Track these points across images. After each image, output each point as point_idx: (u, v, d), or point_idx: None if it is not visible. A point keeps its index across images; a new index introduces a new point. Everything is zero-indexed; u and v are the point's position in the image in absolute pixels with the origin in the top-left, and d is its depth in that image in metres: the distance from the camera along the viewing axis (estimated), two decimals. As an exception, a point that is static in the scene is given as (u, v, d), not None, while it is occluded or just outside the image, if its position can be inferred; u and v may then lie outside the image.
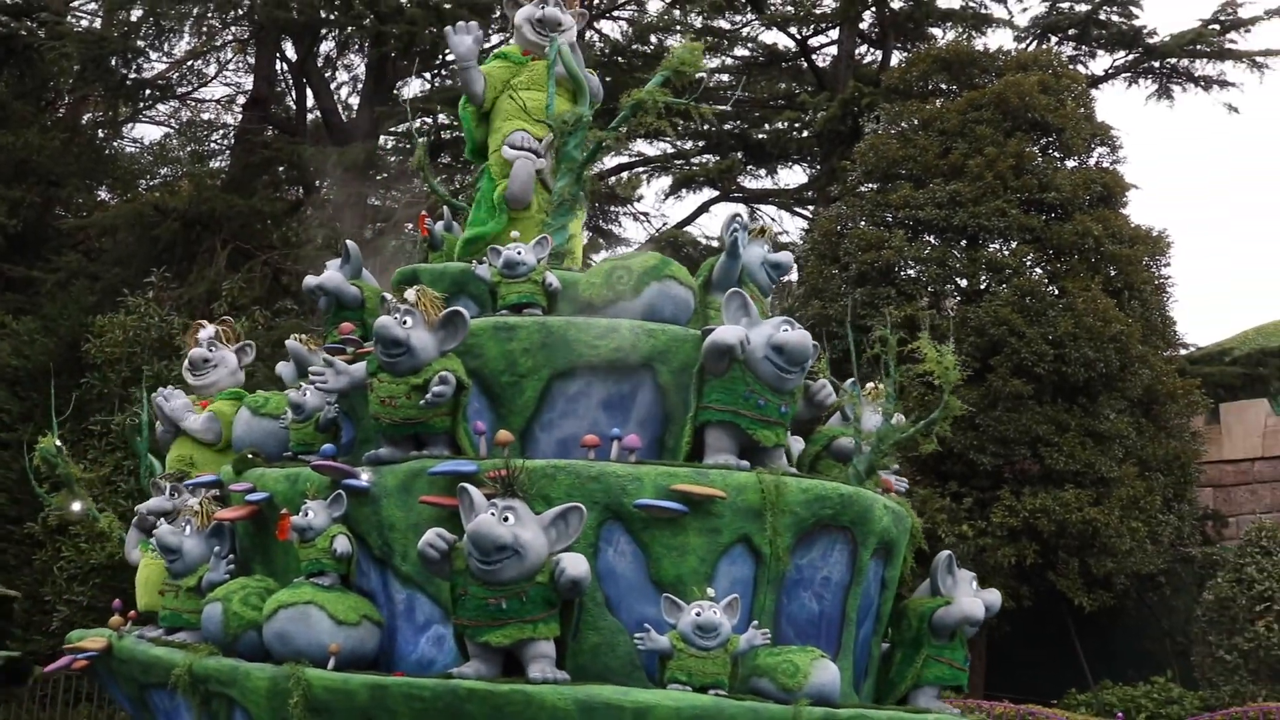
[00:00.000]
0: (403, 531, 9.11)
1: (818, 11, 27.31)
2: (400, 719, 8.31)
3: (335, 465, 9.24)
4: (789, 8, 27.26)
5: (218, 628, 9.41)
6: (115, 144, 29.56)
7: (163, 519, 10.96)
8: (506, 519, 8.14)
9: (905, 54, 27.59)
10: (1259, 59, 29.33)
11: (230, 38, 29.07)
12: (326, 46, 28.07)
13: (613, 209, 31.99)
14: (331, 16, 25.54)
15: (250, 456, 10.22)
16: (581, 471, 8.79)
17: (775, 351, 9.07)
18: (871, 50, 28.47)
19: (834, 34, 27.77)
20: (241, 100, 29.62)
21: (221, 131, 30.54)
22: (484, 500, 8.38)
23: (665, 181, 29.85)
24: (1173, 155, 76.82)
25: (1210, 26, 28.88)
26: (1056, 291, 23.42)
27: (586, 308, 9.90)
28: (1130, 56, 28.53)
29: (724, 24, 27.97)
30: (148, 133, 32.81)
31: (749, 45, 29.45)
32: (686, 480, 8.77)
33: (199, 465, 11.27)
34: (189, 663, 9.42)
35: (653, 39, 28.19)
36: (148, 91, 29.06)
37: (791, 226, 28.18)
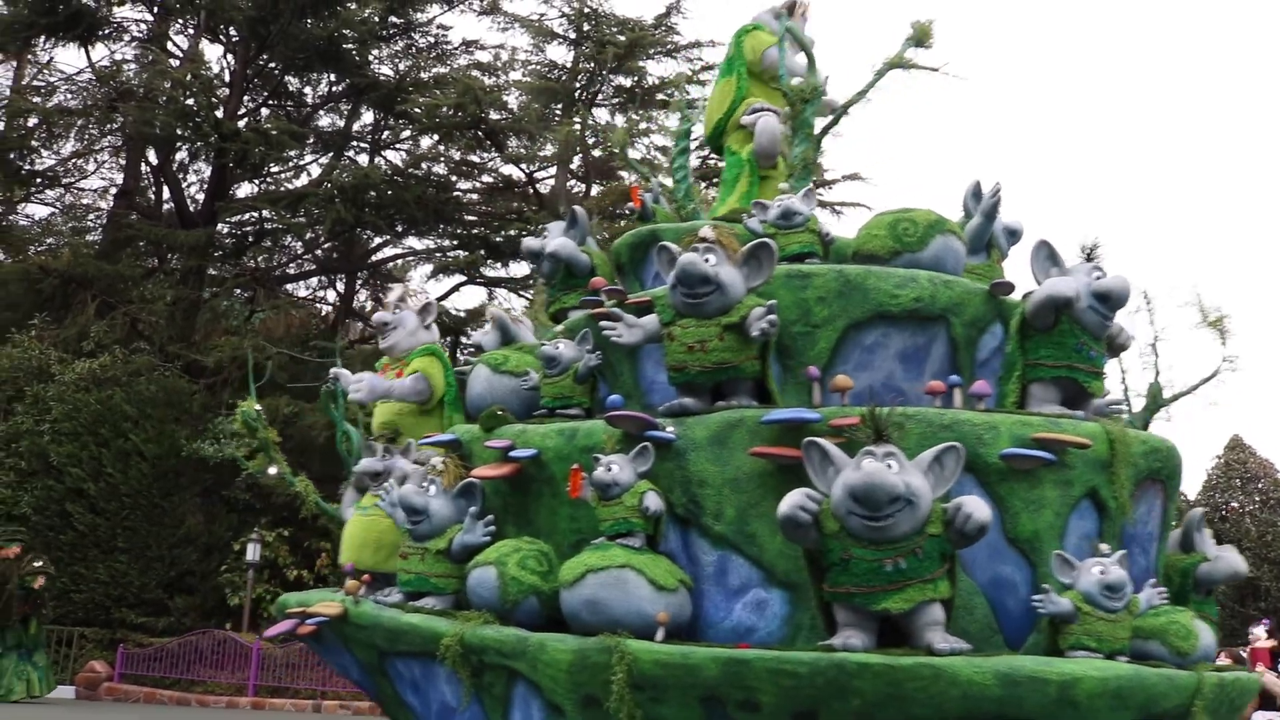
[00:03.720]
0: (715, 488, 6.27)
1: (541, 155, 30.06)
2: (761, 698, 5.48)
3: (637, 416, 6.36)
4: (522, 150, 30.04)
5: (492, 594, 6.46)
6: (10, 218, 31.65)
7: (373, 480, 8.08)
8: (889, 466, 5.40)
9: (601, 187, 30.48)
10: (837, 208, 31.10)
11: (106, 144, 31.24)
12: (181, 155, 30.44)
13: (389, 285, 34.27)
14: (185, 133, 27.81)
15: (499, 413, 7.27)
16: (934, 419, 6.07)
17: (1099, 300, 6.47)
18: (579, 182, 30.91)
19: (552, 170, 30.51)
20: (113, 191, 31.84)
21: (96, 214, 32.80)
22: (840, 452, 5.63)
23: (427, 268, 32.50)
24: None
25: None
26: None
27: (867, 260, 7.17)
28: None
29: (474, 158, 31.06)
30: (37, 210, 33.98)
31: (492, 174, 32.09)
32: (1043, 429, 6.10)
33: (406, 429, 8.31)
34: (460, 632, 6.43)
35: (423, 167, 30.76)
36: (39, 180, 31.08)
37: (517, 304, 29.53)
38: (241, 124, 28.16)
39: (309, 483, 8.84)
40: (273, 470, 8.81)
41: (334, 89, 31.17)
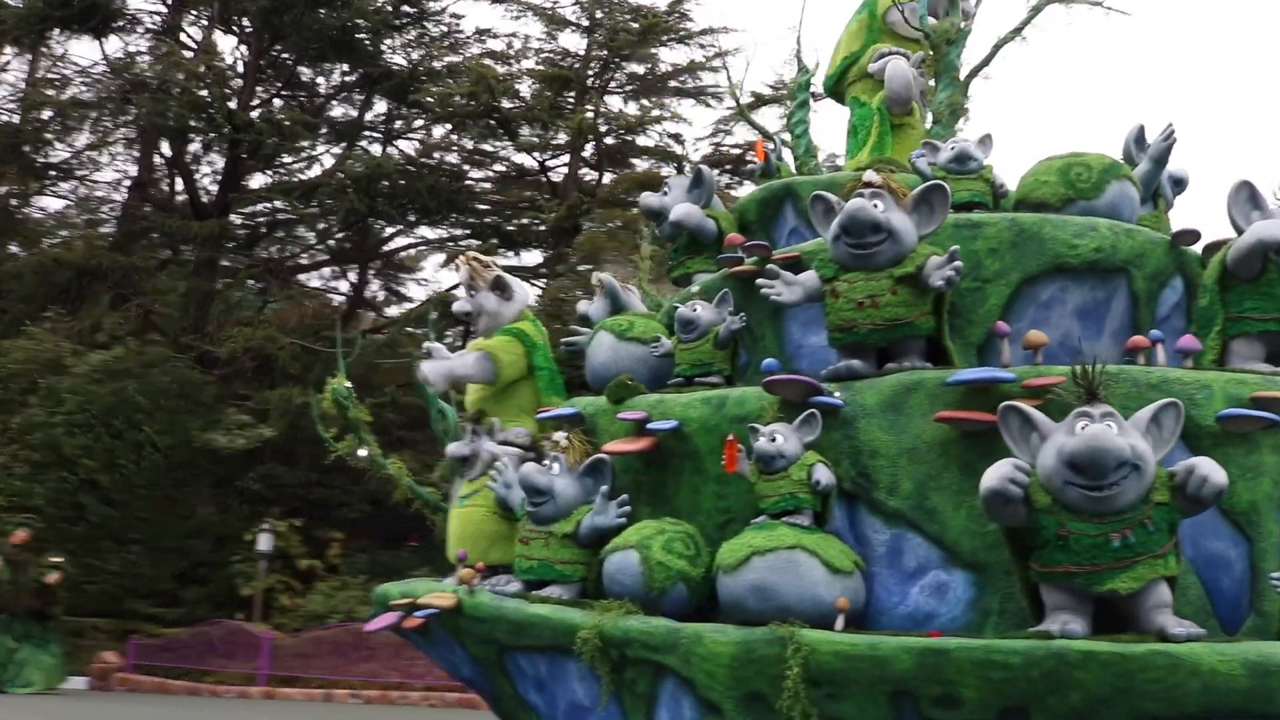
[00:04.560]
0: (890, 458, 5.65)
1: (554, 143, 29.71)
2: (963, 693, 4.86)
3: (802, 379, 5.75)
4: (534, 138, 29.62)
5: (636, 581, 5.87)
6: (24, 211, 31.30)
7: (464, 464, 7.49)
8: (1109, 429, 4.77)
9: (614, 174, 30.12)
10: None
11: (120, 136, 30.65)
12: (194, 146, 29.97)
13: (402, 275, 34.39)
14: (198, 125, 27.53)
15: (630, 383, 6.67)
16: (1140, 379, 5.44)
17: None
18: (591, 171, 30.64)
19: (565, 158, 30.16)
20: (127, 183, 31.49)
21: (110, 205, 32.37)
22: (1044, 417, 5.00)
23: (440, 257, 32.49)
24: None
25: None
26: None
27: (1036, 208, 6.53)
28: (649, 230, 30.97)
29: (486, 147, 30.54)
30: (51, 203, 33.27)
31: (504, 163, 31.68)
32: (1260, 387, 5.46)
33: (490, 411, 7.70)
34: (599, 624, 5.84)
35: (435, 156, 30.39)
36: (53, 173, 30.67)
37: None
38: (255, 115, 27.95)
39: (401, 465, 8.28)
40: (363, 452, 8.22)
41: (347, 79, 30.94)
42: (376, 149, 31.25)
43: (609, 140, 30.41)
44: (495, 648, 6.59)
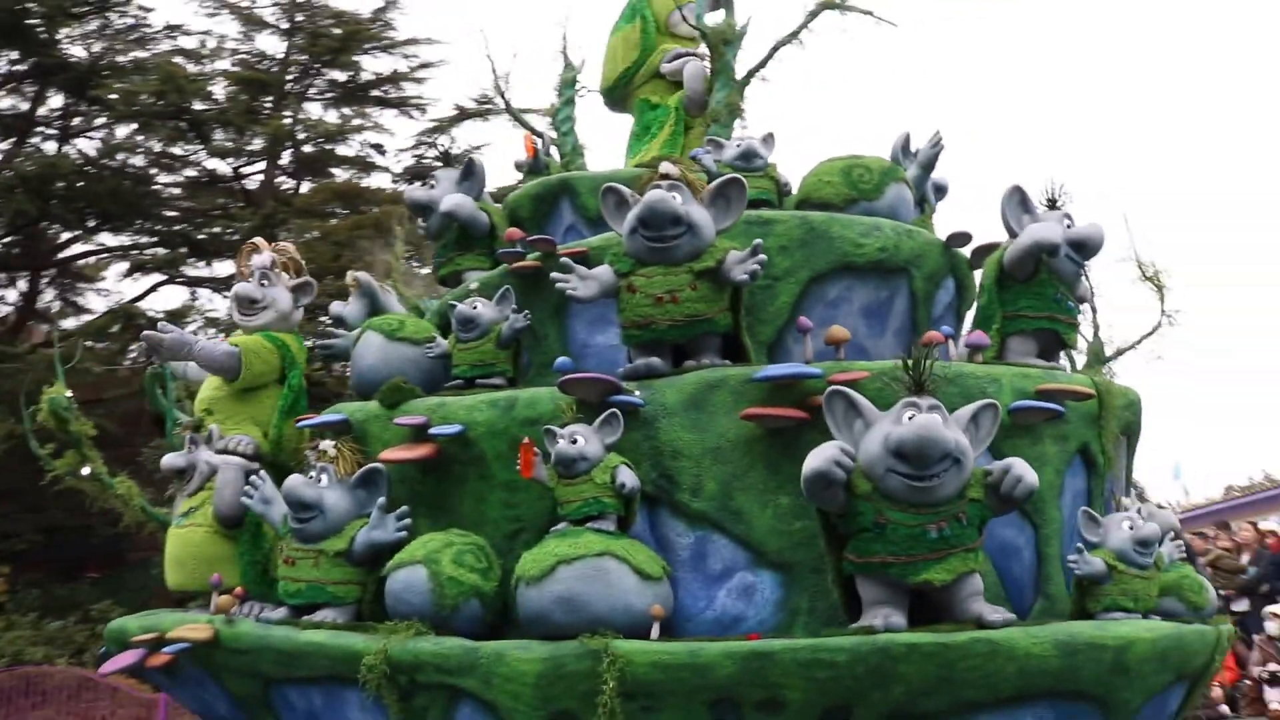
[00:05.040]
0: (694, 459, 5.45)
1: (249, 149, 28.26)
2: (787, 695, 4.71)
3: (601, 378, 5.44)
4: (228, 143, 27.91)
5: (425, 599, 5.36)
6: None
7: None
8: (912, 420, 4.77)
9: (313, 184, 29.42)
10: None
11: None
12: None
13: (80, 284, 31.05)
14: None
15: (404, 385, 6.15)
16: (937, 372, 5.46)
17: (1074, 248, 6.09)
18: (288, 179, 29.67)
19: (260, 165, 28.80)
20: None
21: None
22: (870, 404, 4.96)
23: (123, 266, 29.56)
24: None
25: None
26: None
27: (819, 208, 6.53)
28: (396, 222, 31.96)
29: (176, 151, 28.18)
30: None
31: (196, 168, 29.46)
32: (1041, 380, 5.65)
33: (216, 413, 6.92)
34: (384, 648, 5.30)
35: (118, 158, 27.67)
36: None
37: (220, 305, 27.55)
38: (-92, 105, 24.69)
39: (133, 484, 7.30)
40: (86, 470, 7.20)
41: (16, 68, 27.97)
42: (51, 146, 27.99)
43: (307, 148, 29.01)
44: (260, 682, 5.86)
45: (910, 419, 4.72)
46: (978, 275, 6.76)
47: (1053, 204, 6.21)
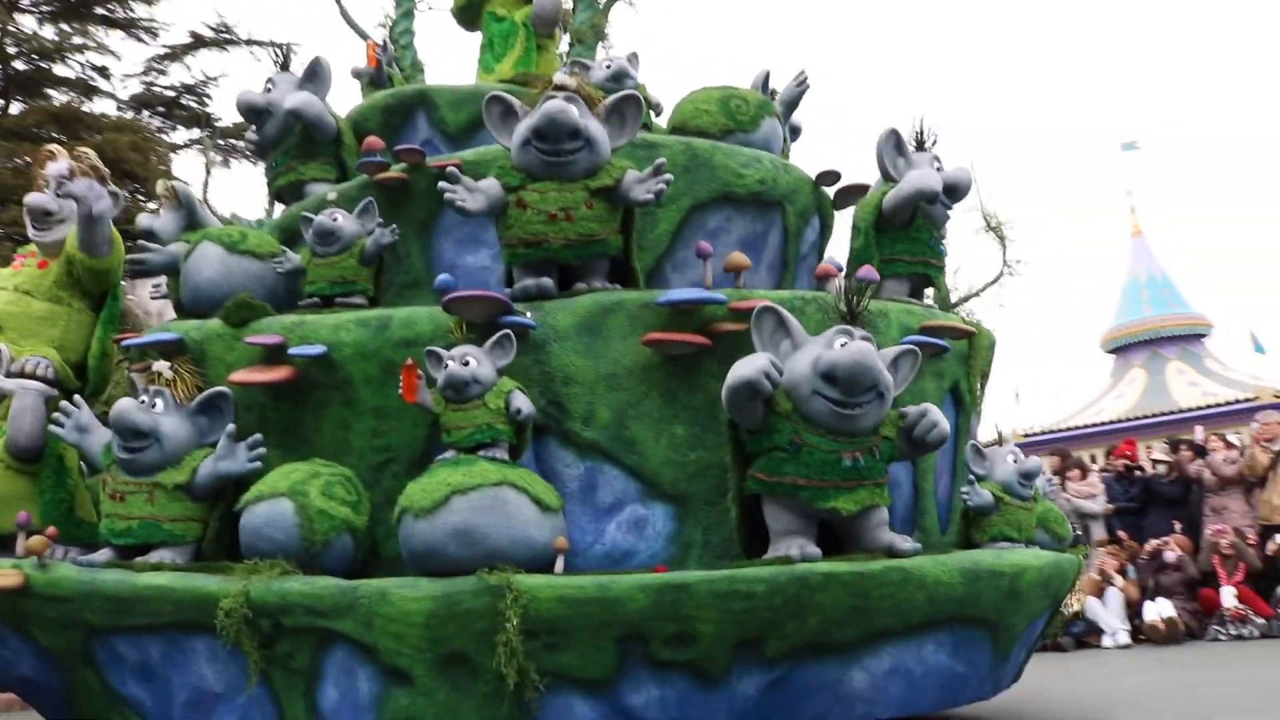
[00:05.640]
0: (587, 385, 5.16)
1: None
2: (699, 628, 4.54)
3: (491, 296, 5.04)
4: None
5: (292, 535, 4.84)
6: None
7: None
8: (844, 347, 4.70)
9: (25, 104, 27.28)
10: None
11: None
12: None
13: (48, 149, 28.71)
14: None
15: (252, 302, 5.51)
16: (830, 304, 5.40)
17: (947, 193, 6.16)
18: None
19: None
20: None
21: None
22: (800, 326, 4.85)
23: None
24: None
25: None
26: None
27: (697, 136, 6.31)
28: (203, 133, 29.17)
29: None
30: None
31: None
32: (924, 318, 5.69)
33: (7, 330, 6.00)
34: (244, 589, 4.75)
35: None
36: None
37: None
38: None
39: None
40: None
41: None
42: None
43: (19, 65, 26.47)
44: (82, 633, 5.14)
45: (843, 345, 4.65)
46: (840, 216, 6.82)
47: (920, 145, 6.28)
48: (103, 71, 28.23)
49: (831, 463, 4.66)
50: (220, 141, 30.26)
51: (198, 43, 27.16)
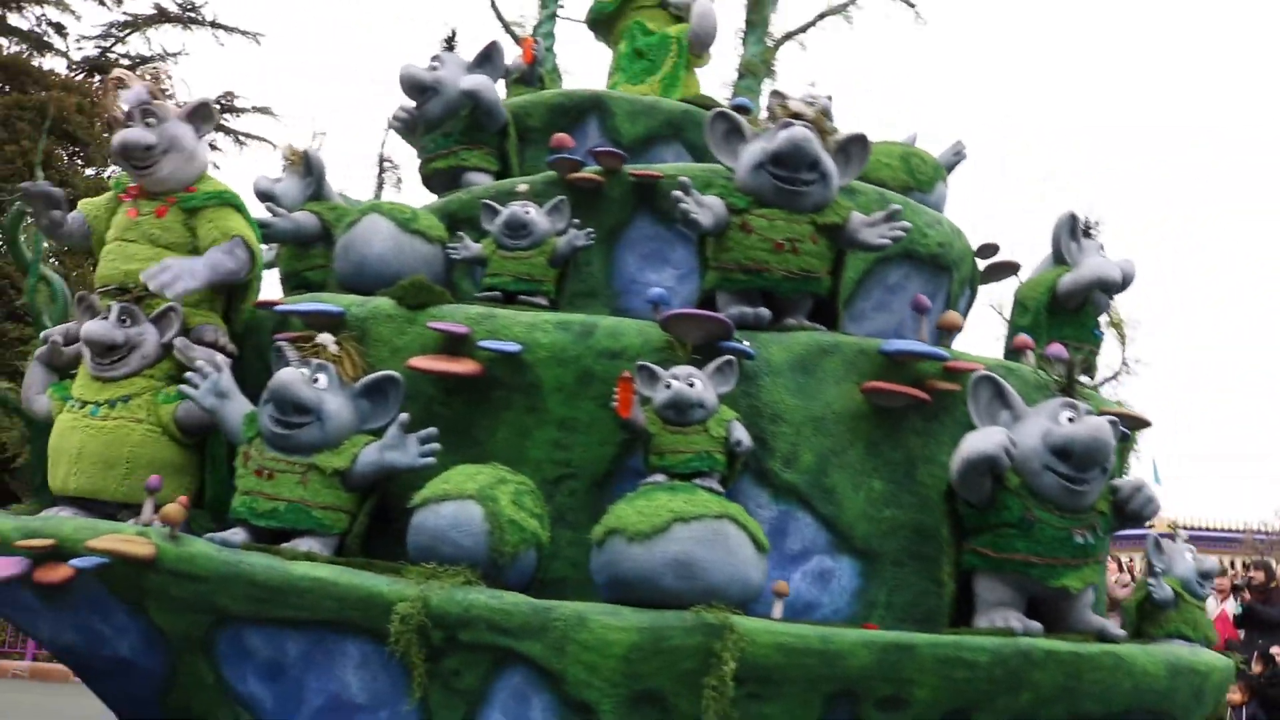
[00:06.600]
0: (794, 425, 4.94)
1: None
2: (915, 693, 4.33)
3: (714, 317, 4.78)
4: None
5: (479, 543, 4.47)
6: None
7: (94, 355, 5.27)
8: (1071, 421, 4.60)
9: None
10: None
11: None
12: None
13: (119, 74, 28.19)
14: None
15: (428, 285, 5.12)
16: (1029, 378, 5.29)
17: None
18: None
19: None
20: None
21: None
22: (1019, 397, 4.74)
23: None
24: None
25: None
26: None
27: (877, 187, 6.16)
28: None
29: None
30: None
31: None
32: (1102, 402, 5.63)
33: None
34: (423, 595, 4.34)
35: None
36: None
37: None
38: None
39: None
40: None
41: None
42: None
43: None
44: (209, 618, 4.64)
45: (1070, 420, 4.55)
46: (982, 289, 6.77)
47: (1087, 233, 6.29)
48: (59, 28, 27.29)
49: (1063, 540, 4.54)
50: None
51: (161, 16, 26.71)
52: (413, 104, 6.26)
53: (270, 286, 6.47)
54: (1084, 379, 6.19)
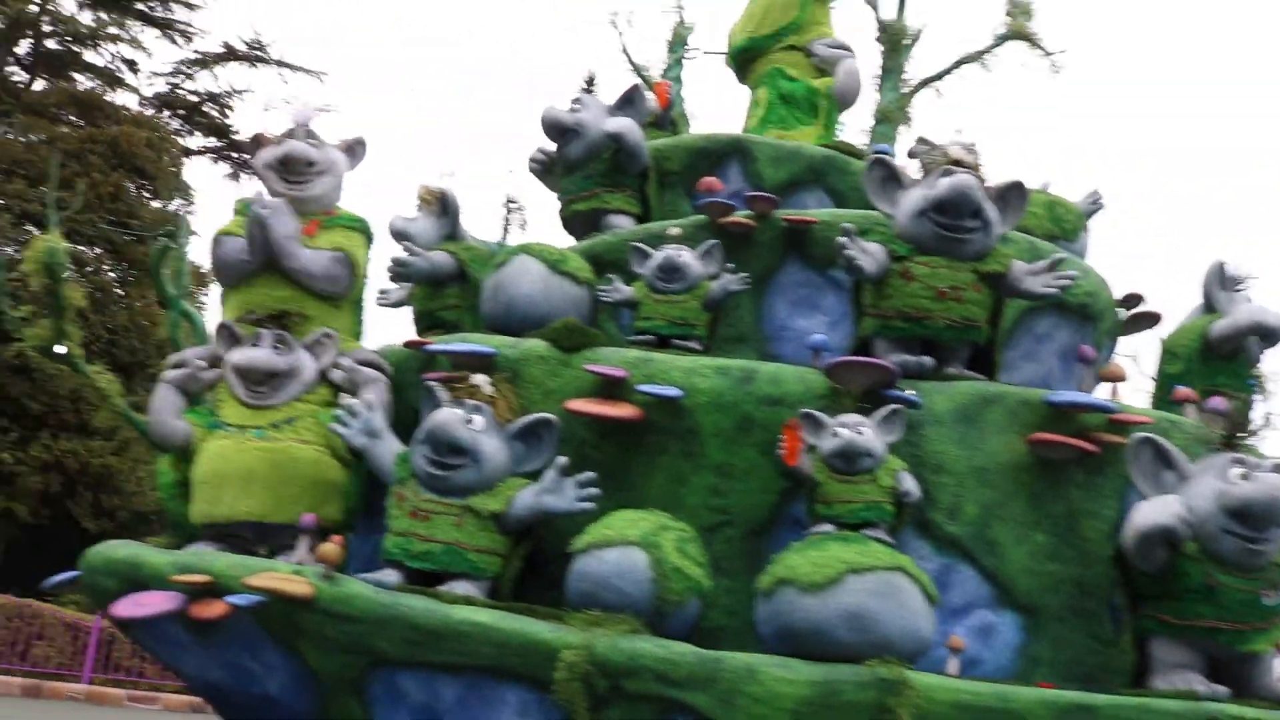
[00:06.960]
0: (957, 476, 4.85)
1: None
2: (1100, 756, 4.17)
3: (879, 364, 4.71)
4: None
5: (644, 591, 4.42)
6: None
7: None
8: (1245, 479, 4.47)
9: (48, 83, 27.09)
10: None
11: None
12: None
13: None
14: None
15: (583, 328, 5.09)
16: (1190, 431, 5.15)
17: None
18: (21, 71, 26.99)
19: None
20: None
21: None
22: (1183, 457, 4.61)
23: None
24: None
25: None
26: (123, 293, 22.77)
27: (1023, 233, 6.09)
28: (218, 143, 30.01)
29: None
30: None
31: None
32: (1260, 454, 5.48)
33: (314, 319, 5.54)
34: (589, 643, 4.27)
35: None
36: None
37: None
38: None
39: (114, 379, 5.59)
40: (62, 349, 5.41)
41: None
42: None
43: (51, 44, 25.95)
44: (364, 660, 4.60)
45: (1242, 476, 4.41)
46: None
47: (1235, 283, 6.17)
48: (131, 65, 27.91)
49: (1250, 603, 4.40)
50: (233, 155, 30.03)
51: (229, 54, 27.21)
52: (552, 146, 6.29)
53: (399, 324, 6.51)
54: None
